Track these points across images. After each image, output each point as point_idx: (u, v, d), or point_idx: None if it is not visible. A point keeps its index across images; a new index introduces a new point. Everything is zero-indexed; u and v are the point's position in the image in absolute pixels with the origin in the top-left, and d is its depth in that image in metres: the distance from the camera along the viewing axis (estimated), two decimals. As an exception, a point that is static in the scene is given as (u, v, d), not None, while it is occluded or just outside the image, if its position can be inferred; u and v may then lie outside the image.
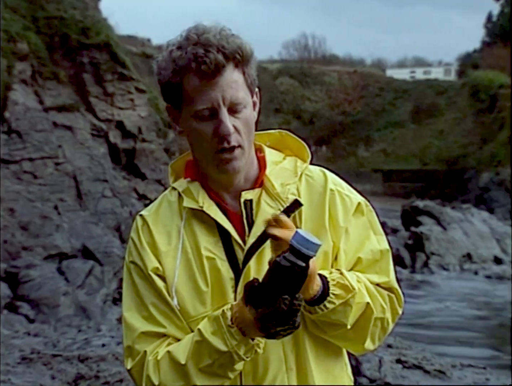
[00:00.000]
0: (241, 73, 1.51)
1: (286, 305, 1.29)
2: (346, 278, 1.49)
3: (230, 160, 1.51)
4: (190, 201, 1.58)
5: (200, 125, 1.50)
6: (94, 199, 12.34)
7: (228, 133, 1.48)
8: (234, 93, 1.48)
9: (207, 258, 1.54)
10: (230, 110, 1.49)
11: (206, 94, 1.47)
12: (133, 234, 1.61)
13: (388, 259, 1.61)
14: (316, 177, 1.63)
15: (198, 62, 1.45)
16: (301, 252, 1.29)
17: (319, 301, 1.45)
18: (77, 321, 8.75)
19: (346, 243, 1.57)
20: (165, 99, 1.58)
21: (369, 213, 1.63)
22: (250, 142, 1.56)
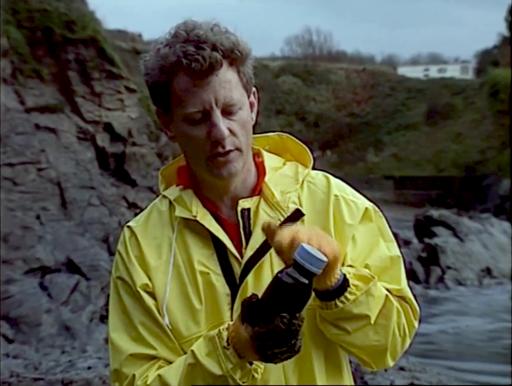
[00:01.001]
0: (236, 72, 1.51)
1: (284, 324, 1.28)
2: (361, 270, 1.50)
3: (224, 164, 1.51)
4: (182, 210, 1.57)
5: (192, 129, 1.50)
6: (80, 208, 12.34)
7: (222, 137, 1.48)
8: (228, 93, 1.48)
9: (201, 272, 1.53)
10: (224, 112, 1.49)
11: (197, 96, 1.47)
12: (120, 247, 1.61)
13: (399, 266, 1.60)
14: (318, 183, 1.63)
15: (188, 59, 1.45)
16: (304, 268, 1.29)
17: (338, 294, 1.44)
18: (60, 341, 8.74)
19: (353, 251, 1.57)
20: (154, 102, 1.58)
21: (378, 219, 1.63)
22: (248, 145, 1.56)
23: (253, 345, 1.33)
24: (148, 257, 1.56)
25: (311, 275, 1.30)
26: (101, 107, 14.39)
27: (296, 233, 1.34)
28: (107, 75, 14.58)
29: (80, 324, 9.40)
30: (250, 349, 1.35)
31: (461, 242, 16.96)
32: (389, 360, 1.55)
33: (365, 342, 1.50)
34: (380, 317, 1.49)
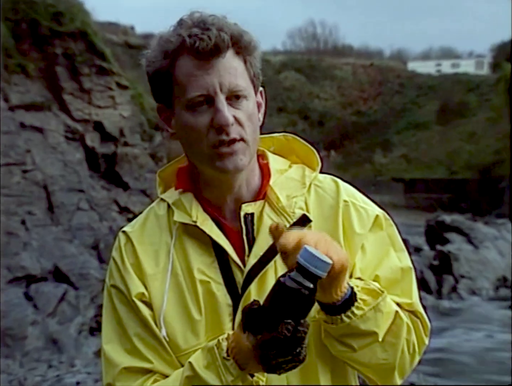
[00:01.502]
0: (242, 61, 1.52)
1: (289, 330, 1.28)
2: (370, 283, 1.50)
3: (230, 155, 1.51)
4: (181, 215, 1.58)
5: (194, 118, 1.51)
6: (68, 212, 12.35)
7: (226, 122, 1.48)
8: (233, 80, 1.49)
9: (200, 281, 1.54)
10: (229, 99, 1.50)
11: (201, 79, 1.48)
12: (115, 254, 1.61)
13: (410, 278, 1.61)
14: (326, 187, 1.64)
15: (193, 39, 1.47)
16: (308, 271, 1.29)
17: (344, 308, 1.44)
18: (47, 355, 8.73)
19: (363, 260, 1.58)
20: (155, 96, 1.59)
21: (389, 227, 1.64)
22: (255, 140, 1.56)
23: (255, 355, 1.33)
24: (144, 264, 1.57)
25: (316, 278, 1.30)
26: (91, 105, 14.40)
27: (303, 237, 1.34)
28: (97, 71, 14.59)
29: (68, 337, 9.40)
30: (252, 359, 1.35)
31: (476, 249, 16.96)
32: (396, 378, 1.55)
33: (372, 360, 1.51)
34: (388, 335, 1.49)
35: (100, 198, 13.33)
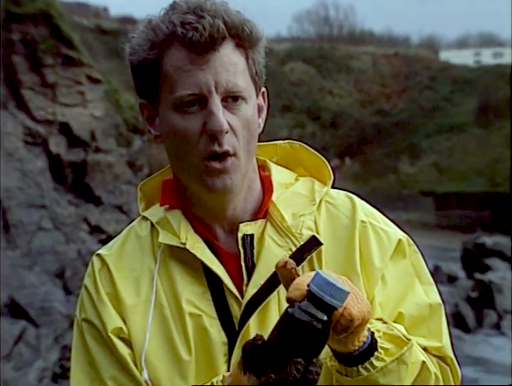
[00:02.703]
0: (243, 56, 1.55)
1: (298, 371, 1.30)
2: (394, 328, 1.51)
3: (219, 172, 1.53)
4: (167, 236, 1.60)
5: (183, 120, 1.53)
6: (27, 233, 12.35)
7: (220, 128, 1.50)
8: (231, 78, 1.52)
9: (190, 315, 1.56)
10: (224, 100, 1.53)
11: (193, 75, 1.51)
12: (88, 281, 1.63)
13: (439, 316, 1.63)
14: (340, 204, 1.66)
15: (186, 28, 1.49)
16: (323, 301, 1.30)
17: (362, 359, 1.44)
18: (1, 407, 8.70)
19: (383, 293, 1.60)
20: (138, 91, 1.62)
21: (413, 255, 1.66)
22: (250, 152, 1.59)
23: None
24: (123, 294, 1.59)
25: (331, 309, 1.31)
26: (56, 103, 14.44)
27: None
28: (63, 61, 14.63)
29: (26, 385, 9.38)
30: None
31: (523, 279, 16.94)
32: None
33: None
34: None
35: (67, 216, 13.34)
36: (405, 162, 43.22)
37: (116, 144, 15.21)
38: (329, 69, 48.32)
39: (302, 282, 1.33)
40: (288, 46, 48.70)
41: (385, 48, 51.98)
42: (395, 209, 31.55)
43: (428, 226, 32.64)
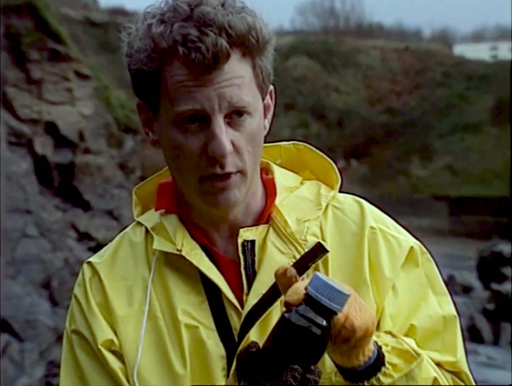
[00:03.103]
0: (250, 66, 1.55)
1: (295, 379, 1.29)
2: (404, 342, 1.51)
3: (222, 190, 1.54)
4: (162, 242, 1.61)
5: (183, 137, 1.54)
6: (11, 240, 12.35)
7: (222, 153, 1.50)
8: (237, 93, 1.51)
9: (186, 326, 1.57)
10: (228, 117, 1.53)
11: (195, 91, 1.50)
12: (78, 291, 1.64)
13: (454, 329, 1.64)
14: (348, 209, 1.67)
15: (188, 47, 1.48)
16: (320, 304, 1.30)
17: (368, 374, 1.44)
18: (-17, 427, 8.70)
19: (394, 304, 1.60)
20: (136, 92, 1.62)
21: (426, 263, 1.67)
22: (255, 165, 1.60)
23: None
24: (114, 304, 1.60)
25: (330, 313, 1.31)
26: (41, 100, 14.44)
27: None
28: (50, 56, 14.63)
29: (10, 402, 9.38)
30: None
31: (543, 289, 16.93)
32: None
33: None
34: None
35: (53, 222, 13.34)
36: (417, 164, 43.22)
37: (107, 145, 15.21)
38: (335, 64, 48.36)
39: (300, 286, 1.33)
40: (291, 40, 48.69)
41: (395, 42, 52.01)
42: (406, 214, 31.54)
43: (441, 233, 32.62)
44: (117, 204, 14.17)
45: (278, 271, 1.39)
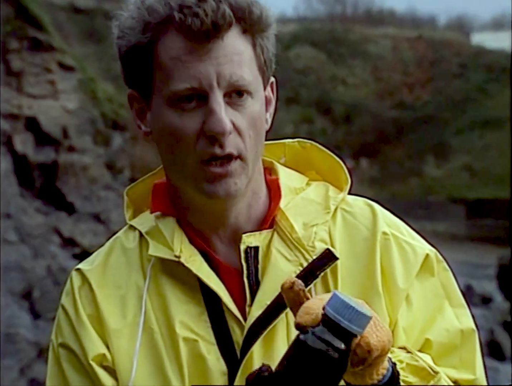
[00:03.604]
0: (250, 44, 1.56)
1: None
2: (420, 358, 1.52)
3: (222, 176, 1.55)
4: (159, 248, 1.62)
5: (180, 118, 1.54)
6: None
7: (222, 130, 1.51)
8: (237, 70, 1.53)
9: (184, 339, 1.58)
10: (228, 96, 1.54)
11: (192, 67, 1.51)
12: (66, 301, 1.65)
13: (473, 344, 1.65)
14: (358, 213, 1.68)
15: (185, 13, 1.49)
16: (340, 326, 1.30)
17: None
18: None
19: (408, 316, 1.61)
20: (126, 79, 1.63)
21: (443, 272, 1.68)
22: (257, 153, 1.61)
23: None
24: (106, 315, 1.61)
25: (350, 336, 1.31)
26: (22, 94, 14.44)
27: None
28: (31, 45, 14.63)
29: (-13, 424, 9.37)
30: None
31: None
32: None
33: None
34: None
35: (35, 226, 13.33)
36: (431, 163, 43.18)
37: (93, 143, 15.20)
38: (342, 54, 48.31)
39: (313, 305, 1.33)
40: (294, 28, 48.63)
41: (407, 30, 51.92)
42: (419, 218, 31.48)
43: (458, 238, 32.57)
44: (104, 207, 14.15)
45: (285, 284, 1.38)
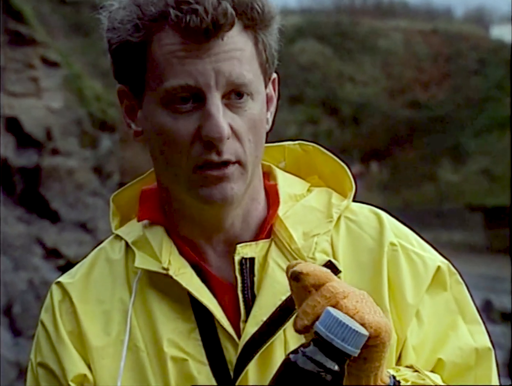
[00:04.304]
0: (252, 41, 1.56)
1: None
2: (427, 377, 1.52)
3: (218, 181, 1.54)
4: (145, 259, 1.62)
5: (174, 120, 1.54)
6: (-34, 257, 12.35)
7: (219, 135, 1.51)
8: (236, 68, 1.53)
9: (173, 359, 1.57)
10: (226, 98, 1.54)
11: (188, 63, 1.51)
12: (45, 317, 1.65)
13: (489, 364, 1.65)
14: (364, 222, 1.68)
15: (182, 10, 1.49)
16: (332, 345, 1.30)
17: None
18: None
19: (418, 334, 1.61)
20: (116, 74, 1.63)
21: (456, 286, 1.68)
22: (257, 159, 1.61)
23: None
24: (88, 332, 1.61)
25: (343, 356, 1.31)
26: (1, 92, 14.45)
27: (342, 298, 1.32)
28: (12, 38, 14.65)
29: None
30: None
31: None
32: None
33: None
34: None
35: (15, 236, 13.34)
36: (447, 167, 43.22)
37: (79, 145, 15.21)
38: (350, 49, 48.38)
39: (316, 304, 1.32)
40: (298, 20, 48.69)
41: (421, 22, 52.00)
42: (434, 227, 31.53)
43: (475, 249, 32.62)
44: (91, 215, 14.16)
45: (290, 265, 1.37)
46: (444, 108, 45.94)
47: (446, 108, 45.85)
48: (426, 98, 46.97)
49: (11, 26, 14.59)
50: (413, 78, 47.74)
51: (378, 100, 46.56)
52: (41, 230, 13.98)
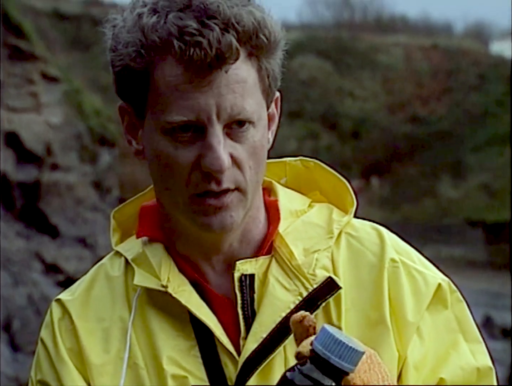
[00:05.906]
0: (255, 69, 1.56)
1: None
2: None
3: (217, 209, 1.55)
4: (145, 277, 1.62)
5: (173, 148, 1.54)
6: (-36, 273, 12.33)
7: (219, 168, 1.51)
8: (238, 101, 1.52)
9: (173, 377, 1.57)
10: (228, 127, 1.53)
11: (190, 98, 1.51)
12: (45, 334, 1.65)
13: (490, 383, 1.65)
14: (365, 238, 1.68)
15: (185, 41, 1.48)
16: (329, 363, 1.30)
17: None
18: None
19: (419, 353, 1.61)
20: (119, 92, 1.63)
21: (457, 304, 1.68)
22: (257, 184, 1.61)
23: None
24: (88, 350, 1.61)
25: (340, 374, 1.31)
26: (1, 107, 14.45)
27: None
28: (12, 53, 14.66)
29: None
30: None
31: None
32: None
33: None
34: None
35: (14, 251, 13.32)
36: (447, 183, 43.19)
37: (79, 160, 15.21)
38: (350, 64, 48.42)
39: None
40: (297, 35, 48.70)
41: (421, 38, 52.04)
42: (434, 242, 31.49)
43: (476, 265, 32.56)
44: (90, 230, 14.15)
45: (296, 317, 1.37)
46: (444, 123, 45.92)
47: (446, 123, 45.83)
48: (426, 113, 46.94)
49: (11, 41, 14.60)
50: (413, 94, 47.73)
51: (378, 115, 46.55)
52: (41, 245, 13.96)
